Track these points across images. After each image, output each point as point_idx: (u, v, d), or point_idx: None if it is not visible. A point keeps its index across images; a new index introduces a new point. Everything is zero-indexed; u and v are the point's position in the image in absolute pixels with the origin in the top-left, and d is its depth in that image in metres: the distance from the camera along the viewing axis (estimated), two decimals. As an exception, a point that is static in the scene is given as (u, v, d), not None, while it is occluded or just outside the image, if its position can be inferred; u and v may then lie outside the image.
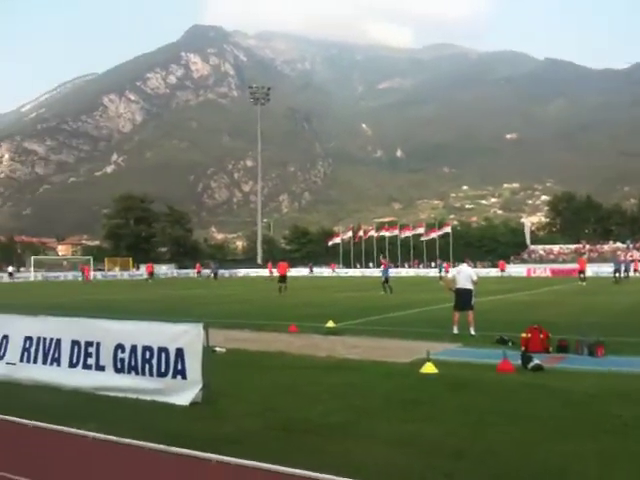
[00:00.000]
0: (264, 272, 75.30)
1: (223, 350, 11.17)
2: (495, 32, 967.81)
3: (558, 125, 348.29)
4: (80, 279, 62.93)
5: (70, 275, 68.62)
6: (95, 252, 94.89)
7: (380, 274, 32.90)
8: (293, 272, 73.41)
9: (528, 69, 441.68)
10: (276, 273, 52.63)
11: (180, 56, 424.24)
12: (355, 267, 79.13)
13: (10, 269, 67.02)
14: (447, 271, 64.51)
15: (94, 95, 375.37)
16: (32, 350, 8.58)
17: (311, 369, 9.58)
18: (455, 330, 14.05)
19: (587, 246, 73.90)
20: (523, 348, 10.82)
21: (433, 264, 71.41)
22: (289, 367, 9.78)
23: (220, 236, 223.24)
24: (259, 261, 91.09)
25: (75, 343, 8.19)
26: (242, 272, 78.95)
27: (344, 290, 36.72)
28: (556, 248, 75.92)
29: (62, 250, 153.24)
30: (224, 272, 69.52)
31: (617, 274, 41.26)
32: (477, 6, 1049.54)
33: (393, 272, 70.31)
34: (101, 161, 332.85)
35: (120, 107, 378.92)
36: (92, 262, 74.98)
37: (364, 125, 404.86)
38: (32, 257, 75.88)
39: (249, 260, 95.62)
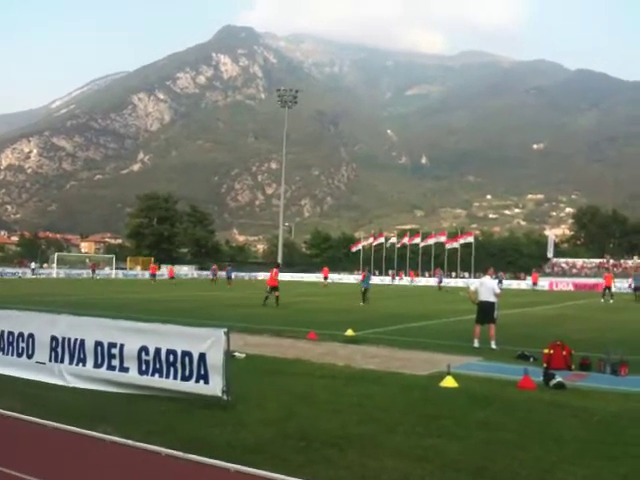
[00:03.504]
0: (284, 276, 75.46)
1: (242, 355, 11.20)
2: (528, 41, 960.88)
3: (587, 137, 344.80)
4: (91, 277, 65.56)
5: (91, 273, 69.05)
6: (117, 250, 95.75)
7: (361, 284, 31.24)
8: (312, 277, 73.57)
9: (560, 79, 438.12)
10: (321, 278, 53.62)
11: (210, 56, 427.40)
12: (374, 274, 78.80)
13: (32, 265, 67.85)
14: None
15: (124, 93, 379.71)
16: (59, 350, 8.66)
17: (329, 378, 9.56)
18: (476, 343, 13.94)
19: (611, 261, 72.95)
20: (545, 365, 10.69)
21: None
22: (308, 375, 9.78)
23: (241, 238, 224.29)
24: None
25: (98, 344, 8.27)
26: (262, 275, 79.00)
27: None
28: (579, 262, 75.09)
29: (85, 247, 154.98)
30: (243, 275, 69.54)
31: (637, 291, 39.88)
32: (512, 14, 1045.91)
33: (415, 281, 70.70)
34: (128, 159, 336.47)
35: (149, 106, 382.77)
36: (114, 260, 75.69)
37: (389, 131, 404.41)
38: (56, 254, 76.78)
39: (269, 264, 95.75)
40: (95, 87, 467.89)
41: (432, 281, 67.22)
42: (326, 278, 57.38)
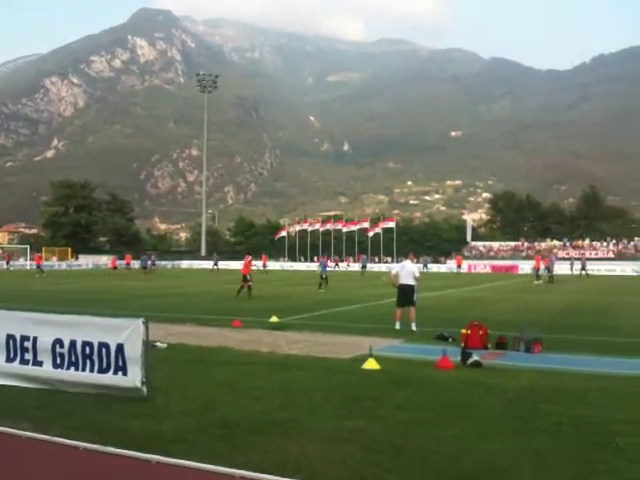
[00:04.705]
0: (209, 264, 74.81)
1: (164, 345, 11.02)
2: (446, 30, 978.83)
3: (501, 124, 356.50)
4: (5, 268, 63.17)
5: (4, 264, 66.26)
6: (32, 240, 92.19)
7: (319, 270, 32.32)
8: (237, 265, 73.09)
9: (475, 68, 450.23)
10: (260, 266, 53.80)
11: (126, 39, 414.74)
12: (300, 261, 79.20)
13: None
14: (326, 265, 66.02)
15: (35, 77, 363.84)
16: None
17: (253, 365, 9.54)
18: (397, 326, 14.22)
19: (525, 243, 75.80)
20: (463, 344, 11.00)
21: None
22: (231, 363, 9.71)
23: (163, 226, 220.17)
24: (203, 253, 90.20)
25: (10, 337, 7.92)
26: (185, 264, 77.91)
27: (290, 284, 36.67)
28: (496, 245, 77.62)
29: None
30: (166, 264, 68.24)
31: (549, 272, 41.48)
32: (428, 3, 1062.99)
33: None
34: (41, 146, 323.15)
35: (62, 90, 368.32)
36: (29, 251, 72.72)
37: (312, 117, 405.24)
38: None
39: (192, 252, 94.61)
40: (5, 70, 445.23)
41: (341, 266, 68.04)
42: (265, 265, 57.96)
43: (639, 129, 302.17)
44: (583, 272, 50.05)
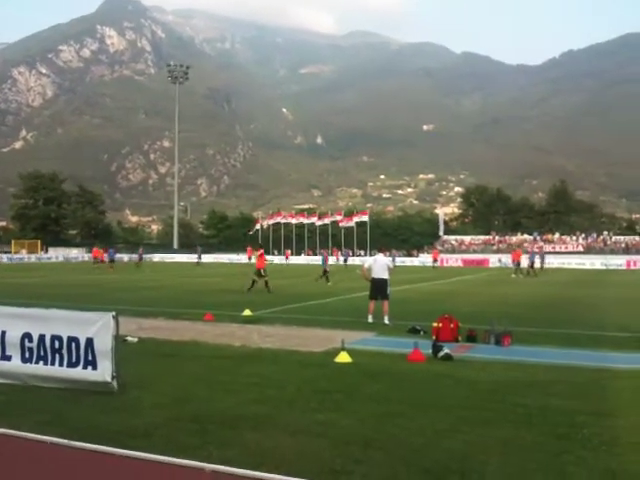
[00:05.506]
0: (180, 257, 74.32)
1: (135, 339, 10.94)
2: (416, 23, 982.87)
3: (472, 118, 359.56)
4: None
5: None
6: (1, 233, 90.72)
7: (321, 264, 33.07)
8: (210, 258, 72.80)
9: (446, 62, 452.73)
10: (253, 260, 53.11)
11: (95, 29, 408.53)
12: (273, 254, 78.89)
13: None
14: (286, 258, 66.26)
15: (2, 66, 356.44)
16: None
17: (225, 359, 9.52)
18: (370, 319, 14.30)
19: (496, 237, 76.50)
20: (434, 337, 11.12)
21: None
22: (203, 357, 9.68)
23: (134, 219, 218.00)
24: (175, 246, 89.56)
25: (-24, 331, 7.80)
26: (157, 257, 77.23)
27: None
28: (467, 239, 78.16)
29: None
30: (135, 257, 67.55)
31: (524, 266, 42.21)
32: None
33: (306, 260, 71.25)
34: (9, 137, 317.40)
35: (30, 80, 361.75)
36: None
37: (285, 110, 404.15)
38: None
39: (165, 245, 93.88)
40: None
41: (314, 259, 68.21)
42: (250, 258, 57.60)
43: (607, 124, 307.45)
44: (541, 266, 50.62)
